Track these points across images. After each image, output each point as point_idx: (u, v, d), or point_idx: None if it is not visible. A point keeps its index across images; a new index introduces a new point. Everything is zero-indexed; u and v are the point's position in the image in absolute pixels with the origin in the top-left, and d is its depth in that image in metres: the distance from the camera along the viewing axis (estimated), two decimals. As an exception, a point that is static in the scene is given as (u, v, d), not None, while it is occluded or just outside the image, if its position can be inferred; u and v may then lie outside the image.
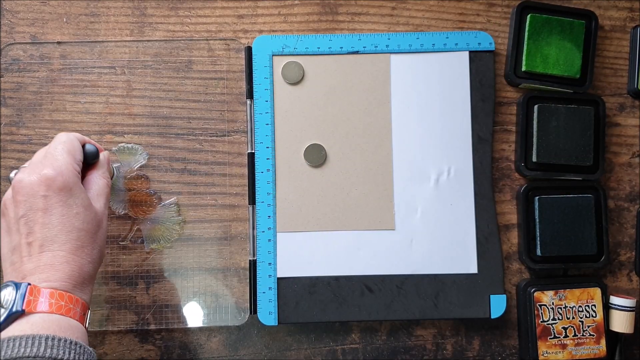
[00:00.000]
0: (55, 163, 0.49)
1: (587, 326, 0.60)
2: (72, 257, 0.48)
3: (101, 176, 0.54)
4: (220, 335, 0.62)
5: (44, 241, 0.47)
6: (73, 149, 0.51)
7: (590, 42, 0.62)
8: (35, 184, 0.48)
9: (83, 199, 0.50)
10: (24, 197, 0.48)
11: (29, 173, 0.49)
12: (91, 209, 0.50)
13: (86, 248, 0.49)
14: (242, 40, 0.63)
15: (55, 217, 0.48)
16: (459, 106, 0.62)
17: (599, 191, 0.61)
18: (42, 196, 0.48)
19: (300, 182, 0.61)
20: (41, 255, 0.47)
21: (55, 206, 0.48)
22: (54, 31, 0.62)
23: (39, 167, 0.49)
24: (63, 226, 0.48)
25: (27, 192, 0.48)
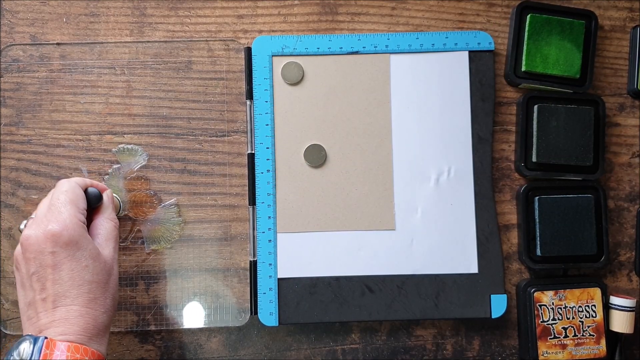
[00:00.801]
0: (60, 217, 0.49)
1: (587, 326, 0.60)
2: (85, 310, 0.48)
3: (107, 219, 0.54)
4: (220, 336, 0.62)
5: (57, 297, 0.48)
6: (76, 198, 0.52)
7: (590, 42, 0.62)
8: (42, 240, 0.49)
9: (91, 250, 0.50)
10: (33, 255, 0.49)
11: (35, 229, 0.49)
12: (100, 259, 0.51)
13: (99, 299, 0.49)
14: (242, 41, 0.63)
15: (65, 272, 0.48)
16: (458, 106, 0.62)
17: (599, 191, 0.61)
18: (50, 252, 0.48)
19: (300, 182, 0.61)
20: (55, 311, 0.48)
21: (63, 262, 0.48)
22: (53, 31, 0.62)
23: (44, 222, 0.49)
24: (73, 281, 0.48)
25: (35, 250, 0.49)
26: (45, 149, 0.61)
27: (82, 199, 0.53)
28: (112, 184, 0.61)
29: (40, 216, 0.51)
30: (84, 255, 0.49)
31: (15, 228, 0.61)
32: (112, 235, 0.53)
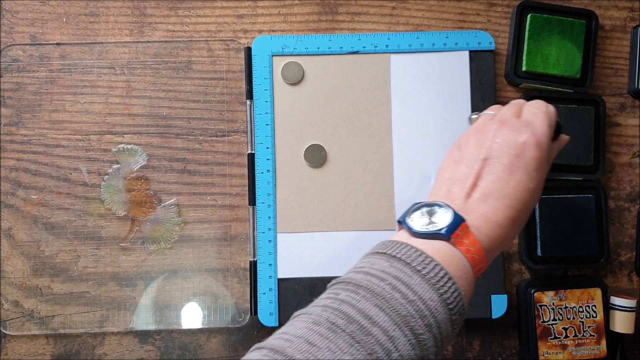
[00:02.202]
0: (538, 133, 0.47)
1: (587, 326, 0.60)
2: (506, 224, 0.45)
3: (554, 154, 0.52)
4: (220, 336, 0.61)
5: (491, 194, 0.45)
6: (551, 126, 0.49)
7: (590, 42, 0.62)
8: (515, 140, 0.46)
9: (540, 179, 0.47)
10: (498, 145, 0.46)
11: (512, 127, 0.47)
12: (538, 191, 0.48)
13: (517, 224, 0.46)
14: (242, 40, 0.63)
15: (514, 180, 0.45)
16: (459, 106, 0.62)
17: (599, 191, 0.61)
18: (514, 155, 0.46)
19: (300, 182, 0.61)
20: (481, 204, 0.45)
21: (519, 171, 0.46)
22: (53, 31, 0.62)
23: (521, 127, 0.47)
24: (515, 193, 0.45)
25: (503, 142, 0.46)
26: (45, 149, 0.61)
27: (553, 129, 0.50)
28: (111, 184, 0.61)
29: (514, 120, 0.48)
30: (535, 178, 0.46)
31: (15, 228, 0.61)
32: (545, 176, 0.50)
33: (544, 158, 0.47)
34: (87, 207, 0.61)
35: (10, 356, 0.61)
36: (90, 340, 0.61)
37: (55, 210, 0.61)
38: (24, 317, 0.60)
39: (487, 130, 0.48)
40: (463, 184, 0.46)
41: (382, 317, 0.38)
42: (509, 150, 0.46)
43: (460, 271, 0.42)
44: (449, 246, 0.43)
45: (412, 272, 0.40)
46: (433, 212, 0.44)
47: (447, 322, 0.40)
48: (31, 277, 0.61)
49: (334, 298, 0.41)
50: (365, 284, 0.40)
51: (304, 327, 0.39)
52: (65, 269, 0.61)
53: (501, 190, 0.45)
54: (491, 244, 0.44)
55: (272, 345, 0.38)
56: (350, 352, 0.37)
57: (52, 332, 0.60)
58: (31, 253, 0.61)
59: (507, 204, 0.45)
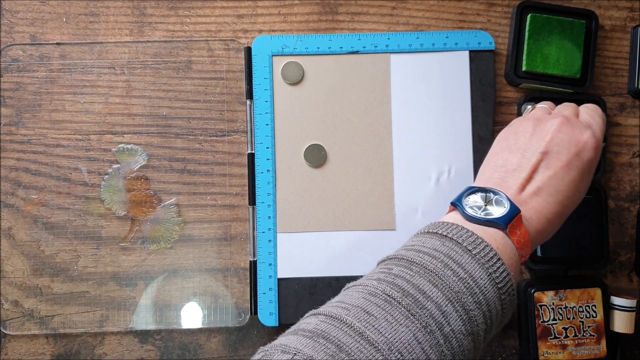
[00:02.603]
0: (597, 136, 0.49)
1: (587, 326, 0.60)
2: (554, 218, 0.47)
3: None
4: (220, 336, 0.61)
5: (544, 189, 0.46)
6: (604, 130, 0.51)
7: (590, 42, 0.62)
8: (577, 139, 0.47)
9: (589, 181, 0.49)
10: (559, 140, 0.47)
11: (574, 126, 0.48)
12: (585, 192, 0.49)
13: (562, 220, 0.48)
14: (242, 40, 0.63)
15: (568, 178, 0.47)
16: (459, 106, 0.62)
17: (599, 192, 0.61)
18: (574, 153, 0.47)
19: (300, 182, 0.61)
20: (534, 197, 0.46)
21: (575, 170, 0.47)
22: (53, 31, 0.62)
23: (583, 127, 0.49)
24: (568, 191, 0.47)
25: (565, 139, 0.47)
26: (45, 148, 0.61)
27: None
28: (111, 183, 0.61)
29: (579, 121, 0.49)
30: (588, 180, 0.48)
31: (15, 227, 0.61)
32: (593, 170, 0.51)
33: (596, 161, 0.49)
34: (87, 206, 0.61)
35: (10, 356, 0.61)
36: (90, 340, 0.61)
37: (55, 210, 0.61)
38: (24, 316, 0.60)
39: (548, 124, 0.49)
40: (518, 174, 0.47)
41: (435, 293, 0.40)
42: (569, 147, 0.47)
43: (511, 259, 0.43)
44: (502, 235, 0.44)
45: (462, 252, 0.42)
46: (489, 199, 0.45)
47: (496, 301, 0.42)
48: (31, 277, 0.61)
49: (387, 272, 0.42)
50: (418, 261, 0.41)
51: (360, 297, 0.40)
52: (65, 269, 0.61)
53: (555, 186, 0.46)
54: (537, 237, 0.46)
55: (330, 312, 0.39)
56: (406, 323, 0.38)
57: (52, 332, 0.60)
58: (31, 253, 0.61)
59: (558, 200, 0.46)
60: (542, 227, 0.46)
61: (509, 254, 0.44)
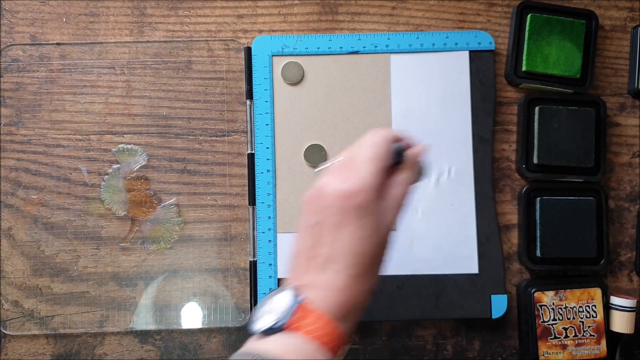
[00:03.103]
0: (360, 174, 0.44)
1: (587, 326, 0.60)
2: (351, 284, 0.43)
3: (402, 183, 0.47)
4: (220, 336, 0.61)
5: (329, 259, 0.43)
6: (378, 157, 0.45)
7: (590, 42, 0.62)
8: (333, 196, 0.44)
9: (376, 220, 0.44)
10: (320, 207, 0.44)
11: (332, 180, 0.44)
12: (380, 231, 0.45)
13: (367, 276, 0.44)
14: (242, 40, 0.63)
15: (345, 236, 0.43)
16: (459, 106, 0.62)
17: (600, 193, 0.61)
18: (339, 210, 0.43)
19: (300, 182, 0.61)
20: (323, 272, 0.43)
21: (348, 224, 0.43)
22: (53, 31, 0.62)
23: (342, 176, 0.45)
24: (351, 248, 0.43)
25: (324, 203, 0.44)
26: (45, 149, 0.61)
27: (386, 159, 0.46)
28: (111, 184, 0.61)
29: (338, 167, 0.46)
30: (368, 224, 0.44)
31: (15, 228, 0.61)
32: (399, 204, 0.46)
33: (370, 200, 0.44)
34: (87, 207, 0.61)
35: (10, 356, 0.61)
36: (90, 340, 0.61)
37: (55, 210, 0.61)
38: (24, 317, 0.60)
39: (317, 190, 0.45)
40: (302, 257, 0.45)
41: None
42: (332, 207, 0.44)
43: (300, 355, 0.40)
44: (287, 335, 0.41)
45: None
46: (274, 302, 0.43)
47: None
48: (31, 277, 0.61)
49: None
50: None
51: None
52: (65, 269, 0.61)
53: (336, 252, 0.43)
54: (343, 310, 0.43)
55: None
56: None
57: (52, 332, 0.60)
58: (31, 253, 0.61)
59: (346, 263, 0.43)
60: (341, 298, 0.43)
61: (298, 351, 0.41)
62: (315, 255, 0.44)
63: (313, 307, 0.42)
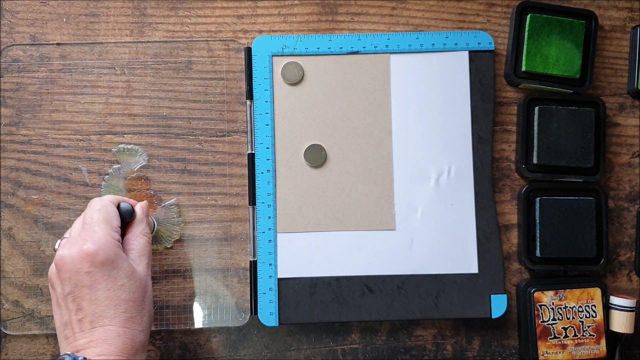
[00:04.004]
0: (95, 236, 0.49)
1: (587, 326, 0.60)
2: (123, 330, 0.47)
3: (140, 234, 0.53)
4: (220, 336, 0.62)
5: (94, 317, 0.47)
6: (109, 216, 0.51)
7: (590, 42, 0.62)
8: (77, 260, 0.48)
9: (126, 268, 0.49)
10: (68, 275, 0.48)
11: (69, 248, 0.49)
12: (135, 277, 0.50)
13: (136, 318, 0.49)
14: (242, 40, 0.63)
15: (101, 292, 0.47)
16: (458, 106, 0.62)
17: (600, 194, 0.61)
18: (85, 272, 0.48)
19: (300, 182, 0.61)
20: (93, 331, 0.47)
21: (99, 281, 0.48)
22: (53, 31, 0.62)
23: (79, 242, 0.49)
24: (110, 300, 0.48)
25: (70, 269, 0.48)
26: (45, 149, 0.61)
27: (116, 217, 0.52)
28: (112, 184, 0.61)
29: (74, 236, 0.50)
30: (119, 274, 0.49)
31: (15, 227, 0.61)
32: (145, 251, 0.52)
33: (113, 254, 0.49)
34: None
35: (11, 356, 0.61)
36: (90, 340, 0.61)
37: (55, 210, 0.61)
38: (24, 317, 0.61)
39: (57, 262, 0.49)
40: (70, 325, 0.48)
41: None
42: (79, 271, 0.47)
43: None
44: None
45: None
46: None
47: None
48: (31, 277, 0.61)
49: None
50: None
51: None
52: (66, 269, 0.61)
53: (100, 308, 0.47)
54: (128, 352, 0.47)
55: None
56: None
57: (53, 332, 0.60)
58: (31, 253, 0.61)
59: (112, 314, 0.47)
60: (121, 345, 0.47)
61: None
62: (81, 319, 0.47)
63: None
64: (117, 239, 0.50)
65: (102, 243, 0.49)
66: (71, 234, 0.51)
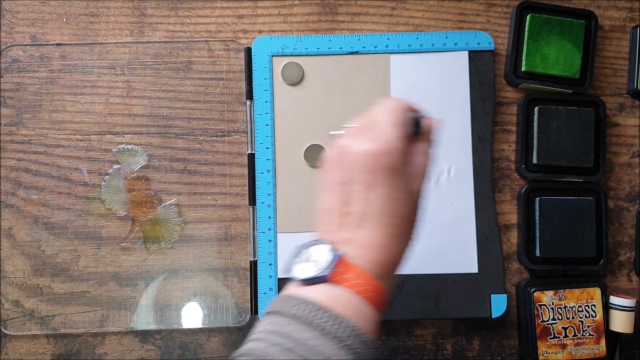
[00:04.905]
0: (384, 137, 0.44)
1: (587, 326, 0.60)
2: (387, 243, 0.43)
3: (422, 153, 0.47)
4: (220, 335, 0.62)
5: (363, 217, 0.43)
6: (401, 122, 0.45)
7: (590, 42, 0.62)
8: (364, 156, 0.43)
9: (407, 183, 0.44)
10: (350, 165, 0.43)
11: (356, 141, 0.44)
12: (412, 194, 0.45)
13: (402, 237, 0.44)
14: (242, 41, 0.63)
15: (377, 196, 0.43)
16: (458, 106, 0.62)
17: (599, 194, 0.61)
18: (368, 171, 0.43)
19: (300, 182, 0.61)
20: (358, 230, 0.43)
21: (378, 185, 0.43)
22: (53, 31, 0.62)
23: (368, 137, 0.44)
24: (384, 208, 0.43)
25: (353, 161, 0.43)
26: (45, 149, 0.62)
27: (407, 125, 0.46)
28: (112, 184, 0.61)
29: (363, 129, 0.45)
30: (399, 185, 0.43)
31: (15, 227, 0.61)
32: (424, 172, 0.46)
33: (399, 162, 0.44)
34: (88, 207, 0.61)
35: (11, 356, 0.61)
36: (90, 340, 0.61)
37: (55, 210, 0.61)
38: (24, 316, 0.61)
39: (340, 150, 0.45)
40: (333, 214, 0.44)
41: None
42: (360, 166, 0.43)
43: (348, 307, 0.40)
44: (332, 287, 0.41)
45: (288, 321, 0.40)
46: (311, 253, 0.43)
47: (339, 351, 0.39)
48: (32, 277, 0.61)
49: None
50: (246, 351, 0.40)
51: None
52: (66, 269, 0.61)
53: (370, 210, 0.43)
54: (381, 268, 0.43)
55: None
56: None
57: (53, 331, 0.60)
58: (32, 253, 0.61)
59: (382, 222, 0.43)
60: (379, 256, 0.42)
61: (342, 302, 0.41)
62: (348, 213, 0.43)
63: (353, 263, 0.42)
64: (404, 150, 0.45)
65: (391, 147, 0.43)
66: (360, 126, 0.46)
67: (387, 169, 0.43)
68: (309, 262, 0.42)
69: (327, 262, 0.41)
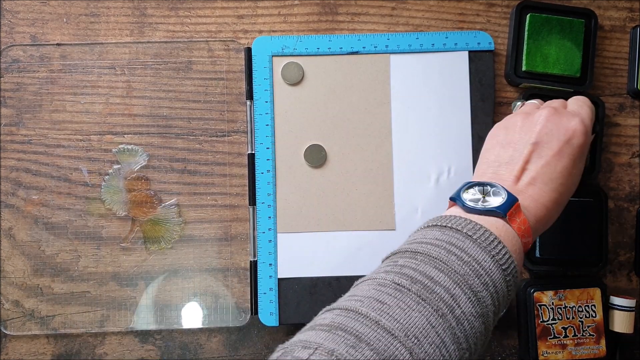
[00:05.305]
0: (584, 123, 0.50)
1: (587, 326, 0.60)
2: (551, 206, 0.48)
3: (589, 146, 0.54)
4: (221, 336, 0.62)
5: (538, 177, 0.48)
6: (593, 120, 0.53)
7: (590, 41, 0.62)
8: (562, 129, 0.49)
9: (582, 167, 0.51)
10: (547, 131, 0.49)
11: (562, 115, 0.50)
12: (579, 178, 0.51)
13: (561, 205, 0.49)
14: (242, 41, 0.63)
15: (560, 166, 0.48)
16: (458, 106, 0.62)
17: (599, 194, 0.61)
18: (564, 141, 0.49)
19: (300, 182, 0.61)
20: (530, 187, 0.48)
21: (564, 157, 0.48)
22: (54, 31, 0.62)
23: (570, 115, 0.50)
24: (562, 178, 0.48)
25: (554, 128, 0.49)
26: (45, 149, 0.62)
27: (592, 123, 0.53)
28: (112, 184, 0.61)
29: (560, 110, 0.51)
30: (579, 166, 0.50)
31: (15, 227, 0.61)
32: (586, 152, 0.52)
33: (587, 145, 0.50)
34: (88, 207, 0.61)
35: (11, 356, 0.61)
36: (90, 340, 0.61)
37: (55, 210, 0.61)
38: (24, 317, 0.61)
39: (536, 116, 0.50)
40: (512, 166, 0.49)
41: (442, 277, 0.41)
42: (559, 136, 0.49)
43: (513, 245, 0.45)
44: (502, 223, 0.45)
45: (464, 238, 0.43)
46: (486, 191, 0.47)
47: (501, 282, 0.43)
48: (32, 277, 0.61)
49: (393, 264, 0.43)
50: (421, 250, 0.43)
51: (371, 288, 0.41)
52: (66, 269, 0.61)
53: (549, 174, 0.48)
54: (537, 224, 0.47)
55: (344, 305, 0.40)
56: (418, 309, 0.39)
57: (53, 331, 0.61)
58: (32, 253, 0.61)
59: (553, 187, 0.48)
60: (540, 214, 0.47)
61: (510, 240, 0.45)
62: (525, 169, 0.48)
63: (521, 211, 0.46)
64: None
65: (588, 132, 0.50)
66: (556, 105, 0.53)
67: (578, 146, 0.49)
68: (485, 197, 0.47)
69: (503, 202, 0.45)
